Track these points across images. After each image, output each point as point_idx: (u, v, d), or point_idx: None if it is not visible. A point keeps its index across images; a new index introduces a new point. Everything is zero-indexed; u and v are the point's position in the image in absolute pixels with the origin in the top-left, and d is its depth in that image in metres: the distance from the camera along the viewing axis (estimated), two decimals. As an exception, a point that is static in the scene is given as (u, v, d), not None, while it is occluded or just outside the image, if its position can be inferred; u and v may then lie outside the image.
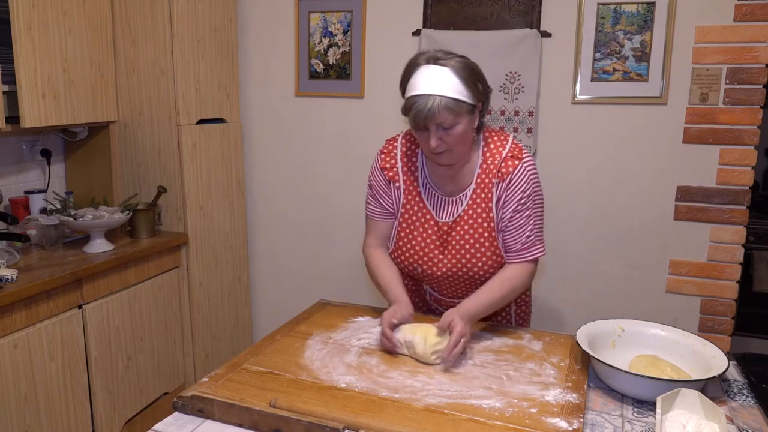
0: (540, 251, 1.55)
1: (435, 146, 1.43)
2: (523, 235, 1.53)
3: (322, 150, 2.95)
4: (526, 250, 1.54)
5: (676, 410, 1.10)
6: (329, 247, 3.02)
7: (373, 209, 1.66)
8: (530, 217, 1.52)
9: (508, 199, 1.51)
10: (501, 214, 1.52)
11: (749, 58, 2.26)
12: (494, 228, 1.53)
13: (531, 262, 1.56)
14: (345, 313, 1.68)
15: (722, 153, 2.35)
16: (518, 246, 1.53)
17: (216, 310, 2.86)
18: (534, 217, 1.53)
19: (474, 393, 1.22)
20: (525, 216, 1.52)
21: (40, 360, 1.96)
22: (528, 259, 1.54)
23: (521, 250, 1.54)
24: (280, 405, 1.14)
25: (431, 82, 1.38)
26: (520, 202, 1.51)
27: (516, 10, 2.52)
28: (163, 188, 2.49)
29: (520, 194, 1.51)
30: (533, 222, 1.53)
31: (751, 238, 2.75)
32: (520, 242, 1.53)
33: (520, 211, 1.51)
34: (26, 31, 2.10)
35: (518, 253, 1.54)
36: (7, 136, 2.44)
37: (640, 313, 2.46)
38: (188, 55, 2.56)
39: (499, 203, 1.52)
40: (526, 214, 1.52)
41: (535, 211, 1.53)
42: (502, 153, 1.52)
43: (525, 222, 1.52)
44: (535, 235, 1.54)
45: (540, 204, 1.55)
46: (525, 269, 1.55)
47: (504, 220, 1.52)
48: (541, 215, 1.56)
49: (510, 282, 1.53)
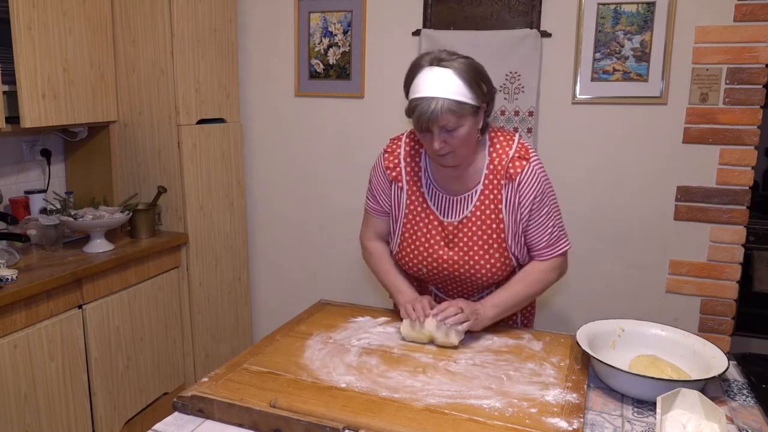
0: (566, 245, 1.58)
1: (438, 148, 1.43)
2: (546, 233, 1.55)
3: (322, 150, 2.95)
4: (552, 246, 1.56)
5: (676, 410, 1.10)
6: (329, 247, 3.02)
7: (371, 205, 1.68)
8: (549, 214, 1.54)
9: (521, 200, 1.52)
10: (516, 216, 1.53)
11: (749, 58, 2.26)
12: (503, 230, 1.53)
13: (559, 257, 1.58)
14: (345, 313, 1.68)
15: (722, 153, 2.35)
16: (544, 244, 1.56)
17: (216, 310, 2.86)
18: (553, 213, 1.55)
19: (474, 393, 1.22)
20: (544, 214, 1.54)
21: (40, 360, 1.96)
22: (556, 254, 1.57)
23: (548, 246, 1.56)
24: (280, 405, 1.14)
25: (434, 85, 1.38)
26: (534, 202, 1.52)
27: (516, 10, 2.52)
28: (163, 188, 2.49)
29: (533, 195, 1.51)
30: (553, 218, 1.55)
31: (751, 238, 2.75)
32: (545, 240, 1.55)
33: (537, 210, 1.53)
34: (26, 31, 2.10)
35: (545, 250, 1.56)
36: (7, 136, 2.44)
37: (640, 313, 2.46)
38: (188, 55, 2.56)
39: (509, 206, 1.52)
40: (544, 212, 1.53)
41: (552, 208, 1.55)
42: (509, 153, 1.52)
43: (545, 220, 1.54)
44: (558, 230, 1.57)
45: (554, 200, 1.57)
46: (551, 264, 1.57)
47: (522, 221, 1.54)
48: (558, 210, 1.58)
49: (533, 276, 1.56)
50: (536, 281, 1.57)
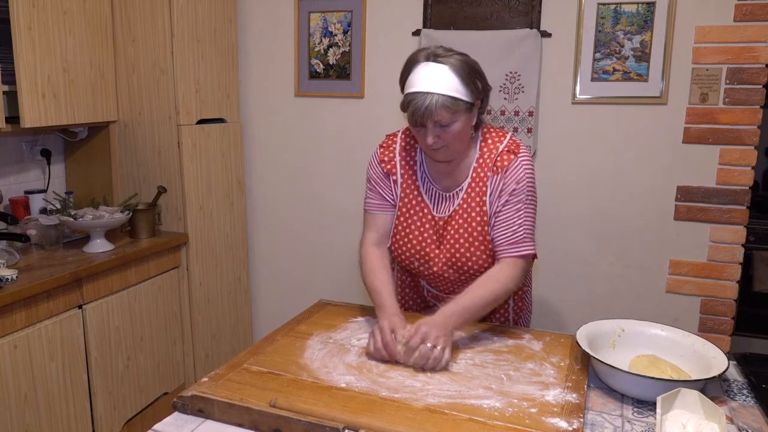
0: (529, 249, 1.50)
1: (432, 143, 1.43)
2: (511, 229, 1.49)
3: (322, 150, 2.95)
4: (513, 245, 1.49)
5: (676, 410, 1.10)
6: (329, 246, 3.02)
7: (372, 202, 1.64)
8: (520, 212, 1.49)
9: (501, 191, 1.49)
10: (493, 206, 1.50)
11: (749, 58, 2.26)
12: (488, 222, 1.52)
13: (520, 259, 1.50)
14: (345, 313, 1.68)
15: (722, 153, 2.35)
16: (505, 239, 1.50)
17: (216, 310, 2.86)
18: (525, 213, 1.50)
19: (474, 393, 1.22)
20: (515, 209, 1.49)
21: (40, 360, 1.96)
22: (516, 254, 1.49)
23: (510, 244, 1.49)
24: (280, 405, 1.14)
25: (430, 80, 1.38)
26: (511, 193, 1.48)
27: (516, 10, 2.52)
28: (163, 188, 2.49)
29: (513, 185, 1.48)
30: (524, 218, 1.50)
31: (751, 238, 2.75)
32: (507, 236, 1.49)
33: (510, 203, 1.49)
34: (26, 31, 2.10)
35: (507, 248, 1.50)
36: (7, 136, 2.44)
37: (640, 313, 2.46)
38: (188, 55, 2.56)
39: (492, 196, 1.50)
40: (516, 207, 1.49)
41: (527, 207, 1.50)
42: (499, 148, 1.52)
43: (514, 215, 1.49)
44: (525, 231, 1.50)
45: (532, 202, 1.52)
46: (513, 266, 1.49)
47: (495, 212, 1.50)
48: (533, 214, 1.53)
49: (492, 281, 1.47)
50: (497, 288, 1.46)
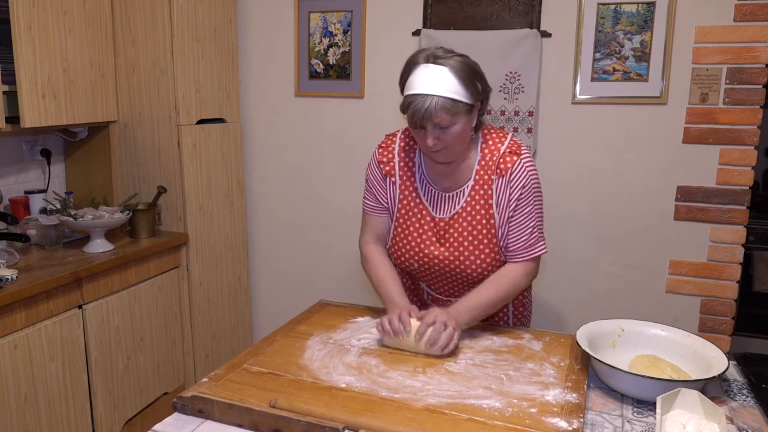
0: (542, 249, 1.54)
1: (431, 145, 1.43)
2: (525, 233, 1.52)
3: (322, 150, 2.95)
4: (529, 249, 1.53)
5: (676, 410, 1.10)
6: (329, 247, 3.02)
7: (369, 204, 1.65)
8: (531, 214, 1.51)
9: (510, 195, 1.50)
10: (506, 212, 1.51)
11: (749, 58, 2.26)
12: (493, 225, 1.52)
13: (532, 261, 1.54)
14: (345, 313, 1.68)
15: (722, 153, 2.35)
16: (520, 244, 1.52)
17: (216, 310, 2.86)
18: (535, 214, 1.52)
19: (474, 393, 1.22)
20: (525, 213, 1.51)
21: (40, 360, 1.96)
22: (529, 257, 1.53)
23: (524, 248, 1.52)
24: (280, 405, 1.14)
25: (429, 82, 1.38)
26: (519, 199, 1.50)
27: (516, 10, 2.52)
28: (163, 188, 2.49)
29: (519, 190, 1.50)
30: (534, 219, 1.52)
31: (751, 238, 2.75)
32: (522, 240, 1.52)
33: (522, 207, 1.50)
34: (26, 31, 2.10)
35: (520, 252, 1.53)
36: (7, 136, 2.44)
37: (640, 313, 2.46)
38: (188, 55, 2.56)
39: (500, 201, 1.51)
40: (526, 211, 1.51)
41: (536, 208, 1.52)
42: (501, 149, 1.52)
43: (526, 219, 1.51)
44: (538, 231, 1.53)
45: (539, 201, 1.54)
46: (524, 268, 1.53)
47: (506, 220, 1.51)
48: (541, 212, 1.55)
49: (505, 280, 1.51)
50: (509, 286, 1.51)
